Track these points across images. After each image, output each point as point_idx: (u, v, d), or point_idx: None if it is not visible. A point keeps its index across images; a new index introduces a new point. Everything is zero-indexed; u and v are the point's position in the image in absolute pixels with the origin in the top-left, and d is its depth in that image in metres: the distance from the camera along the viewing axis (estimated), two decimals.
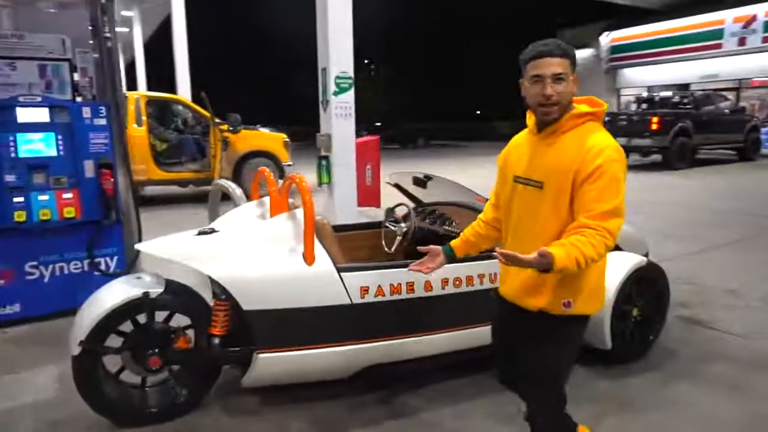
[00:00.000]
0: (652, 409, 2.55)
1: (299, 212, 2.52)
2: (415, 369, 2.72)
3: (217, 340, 2.43)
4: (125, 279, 2.57)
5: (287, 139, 9.64)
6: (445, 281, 2.62)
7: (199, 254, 2.37)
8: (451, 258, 1.97)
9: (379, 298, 2.49)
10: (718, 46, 17.54)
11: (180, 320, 2.51)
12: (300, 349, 2.41)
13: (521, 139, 1.81)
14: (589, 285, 1.66)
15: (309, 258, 2.39)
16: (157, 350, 2.39)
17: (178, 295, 2.48)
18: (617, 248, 3.05)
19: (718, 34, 17.48)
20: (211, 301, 2.51)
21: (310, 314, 2.39)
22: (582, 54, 23.06)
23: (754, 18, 16.60)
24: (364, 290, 2.47)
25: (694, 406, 2.59)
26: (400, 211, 3.19)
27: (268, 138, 9.57)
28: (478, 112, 44.06)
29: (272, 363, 2.38)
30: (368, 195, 5.08)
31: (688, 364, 3.01)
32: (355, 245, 3.36)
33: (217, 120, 8.26)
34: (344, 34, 4.77)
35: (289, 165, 10.41)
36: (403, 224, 3.08)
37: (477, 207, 3.11)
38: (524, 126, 1.82)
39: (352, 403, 2.63)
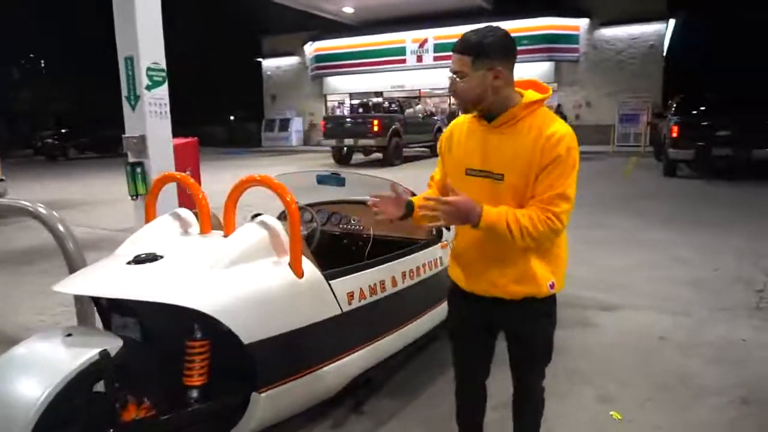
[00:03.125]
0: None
1: (269, 219, 2.16)
2: (387, 368, 2.65)
3: (195, 392, 1.90)
4: (49, 335, 1.77)
5: None
6: (404, 274, 2.63)
7: (169, 287, 1.81)
8: (410, 213, 1.75)
9: (363, 302, 2.36)
10: (403, 61, 20.95)
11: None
12: (301, 376, 2.08)
13: (464, 128, 1.70)
14: (563, 265, 1.71)
15: (298, 269, 2.08)
16: None
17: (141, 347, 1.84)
18: None
19: (402, 51, 20.86)
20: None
21: (308, 333, 2.09)
22: (289, 61, 24.36)
23: (426, 40, 20.37)
24: (351, 296, 2.30)
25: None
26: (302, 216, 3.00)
27: None
28: None
29: (276, 400, 1.99)
30: (190, 205, 4.41)
31: None
32: None
33: None
34: (155, 16, 4.06)
35: (1, 180, 8.15)
36: (303, 230, 2.91)
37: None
38: None
39: (335, 423, 2.40)
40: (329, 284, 2.20)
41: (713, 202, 8.36)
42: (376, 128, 14.32)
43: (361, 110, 16.12)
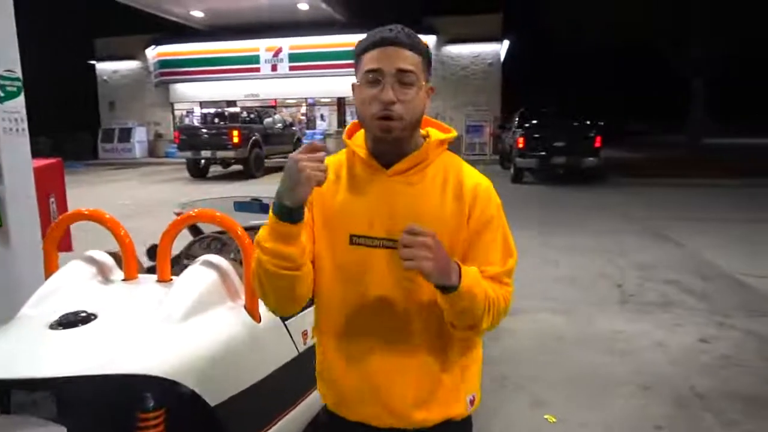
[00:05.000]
0: None
1: (215, 259, 1.92)
2: None
3: None
4: None
5: None
6: None
7: (120, 353, 1.51)
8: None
9: (311, 341, 2.21)
10: (257, 69, 20.34)
11: None
12: (270, 428, 1.88)
13: (341, 173, 1.20)
14: (480, 369, 1.28)
15: (256, 313, 1.88)
16: None
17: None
18: None
19: (256, 59, 20.24)
20: None
21: (273, 380, 1.90)
22: (129, 66, 22.24)
23: (280, 49, 20.04)
24: (305, 335, 2.14)
25: None
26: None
27: None
28: None
29: None
30: (64, 247, 3.75)
31: None
32: None
33: None
34: (7, 16, 3.41)
35: None
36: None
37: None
38: None
39: None
40: (285, 325, 2.03)
41: (558, 205, 9.45)
42: (235, 139, 13.69)
43: (217, 120, 15.29)
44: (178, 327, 1.66)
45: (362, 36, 1.15)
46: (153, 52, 21.24)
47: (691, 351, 3.50)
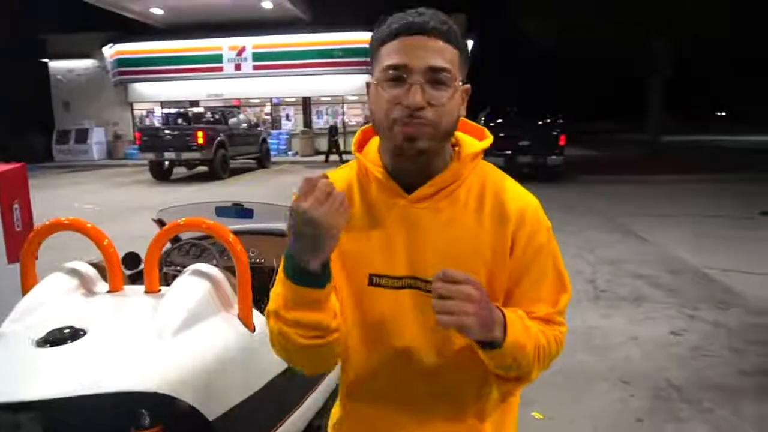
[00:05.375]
0: None
1: (206, 268, 1.88)
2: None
3: None
4: None
5: None
6: None
7: (116, 371, 1.45)
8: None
9: None
10: (220, 68, 19.93)
11: None
12: None
13: (355, 200, 0.98)
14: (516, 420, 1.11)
15: (250, 322, 1.85)
16: None
17: None
18: None
19: (219, 58, 19.84)
20: None
21: (270, 390, 1.87)
22: (84, 64, 21.45)
23: (244, 48, 19.71)
24: None
25: None
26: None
27: None
28: None
29: None
30: (20, 246, 3.57)
31: None
32: None
33: None
34: None
35: None
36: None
37: (269, 230, 2.95)
38: None
39: None
40: None
41: None
42: (200, 140, 13.37)
43: (180, 121, 14.92)
44: (172, 340, 1.61)
45: (326, 36, 0.94)
46: (110, 51, 20.55)
47: (664, 344, 3.63)
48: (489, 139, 0.99)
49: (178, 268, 2.52)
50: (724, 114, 55.49)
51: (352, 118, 21.45)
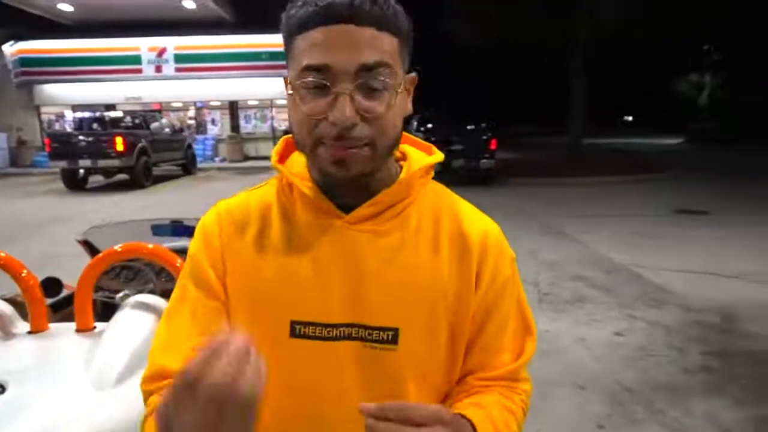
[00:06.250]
0: None
1: (149, 299, 1.64)
2: None
3: None
4: None
5: None
6: None
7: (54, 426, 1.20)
8: None
9: None
10: (139, 70, 18.81)
11: None
12: None
13: (274, 222, 0.78)
14: None
15: None
16: None
17: None
18: None
19: (137, 59, 18.71)
20: None
21: None
22: None
23: (165, 49, 18.73)
24: None
25: None
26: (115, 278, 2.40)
27: None
28: None
29: None
30: None
31: None
32: None
33: None
34: None
35: None
36: (126, 291, 2.35)
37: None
38: None
39: None
40: None
41: None
42: (119, 146, 12.51)
43: (96, 125, 13.90)
44: (114, 391, 1.38)
45: (250, 38, 0.73)
46: (12, 49, 18.83)
47: (610, 345, 3.71)
48: (438, 155, 0.83)
49: (109, 294, 2.24)
50: (630, 119, 59.74)
51: (282, 123, 20.98)
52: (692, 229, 7.36)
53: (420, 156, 0.82)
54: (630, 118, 59.87)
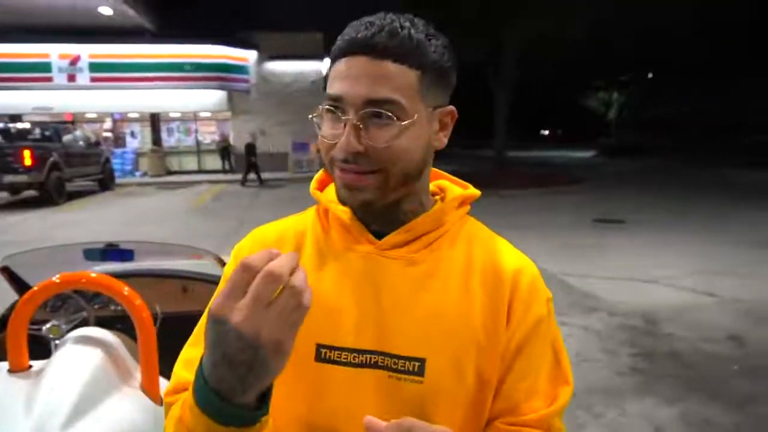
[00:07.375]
0: None
1: (95, 332, 1.52)
2: None
3: None
4: None
5: None
6: None
7: None
8: None
9: None
10: (50, 79, 17.57)
11: None
12: None
13: (304, 246, 0.80)
14: None
15: (156, 394, 1.53)
16: None
17: None
18: None
19: (48, 67, 17.47)
20: None
21: None
22: None
23: (78, 57, 17.63)
24: None
25: None
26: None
27: None
28: None
29: None
30: None
31: None
32: None
33: None
34: None
35: None
36: (62, 324, 2.19)
37: (157, 271, 2.59)
38: None
39: None
40: None
41: None
42: (27, 161, 11.58)
43: (0, 138, 12.80)
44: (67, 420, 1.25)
45: (175, 48, 0.76)
46: None
47: None
48: (475, 191, 0.87)
49: (33, 327, 2.04)
50: (546, 132, 63.24)
51: (206, 136, 20.34)
52: (610, 237, 7.86)
53: (456, 190, 0.86)
54: (546, 132, 63.38)
